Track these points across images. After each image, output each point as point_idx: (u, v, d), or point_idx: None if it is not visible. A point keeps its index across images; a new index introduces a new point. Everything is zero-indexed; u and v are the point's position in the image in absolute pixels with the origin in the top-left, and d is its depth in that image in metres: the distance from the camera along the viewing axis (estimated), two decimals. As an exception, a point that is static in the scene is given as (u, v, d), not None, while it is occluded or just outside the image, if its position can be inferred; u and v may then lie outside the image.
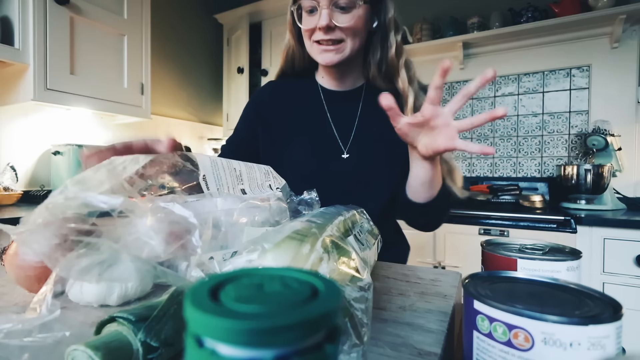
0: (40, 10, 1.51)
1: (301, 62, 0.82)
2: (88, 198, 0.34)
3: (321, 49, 0.72)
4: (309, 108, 0.82)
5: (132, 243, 0.35)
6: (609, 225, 1.44)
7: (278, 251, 0.30)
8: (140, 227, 0.36)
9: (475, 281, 0.28)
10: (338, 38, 0.71)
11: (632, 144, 1.89)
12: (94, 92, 1.74)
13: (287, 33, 0.80)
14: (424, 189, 0.63)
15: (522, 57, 2.12)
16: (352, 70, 0.80)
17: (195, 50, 2.75)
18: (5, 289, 0.44)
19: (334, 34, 0.70)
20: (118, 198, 0.35)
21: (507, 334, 0.22)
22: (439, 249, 1.69)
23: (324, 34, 0.70)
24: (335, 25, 0.69)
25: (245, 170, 0.50)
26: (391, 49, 0.74)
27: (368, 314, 0.27)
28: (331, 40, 0.70)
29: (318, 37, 0.71)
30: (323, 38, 0.70)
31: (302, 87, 0.84)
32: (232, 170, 0.49)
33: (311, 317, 0.11)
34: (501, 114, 0.47)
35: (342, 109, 0.81)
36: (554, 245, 0.40)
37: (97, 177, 0.37)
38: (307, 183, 0.74)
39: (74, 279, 0.39)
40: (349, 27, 0.69)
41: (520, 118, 2.15)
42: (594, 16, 1.79)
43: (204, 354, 0.11)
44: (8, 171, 1.59)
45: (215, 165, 0.47)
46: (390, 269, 0.56)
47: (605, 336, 0.21)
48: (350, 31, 0.70)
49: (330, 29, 0.69)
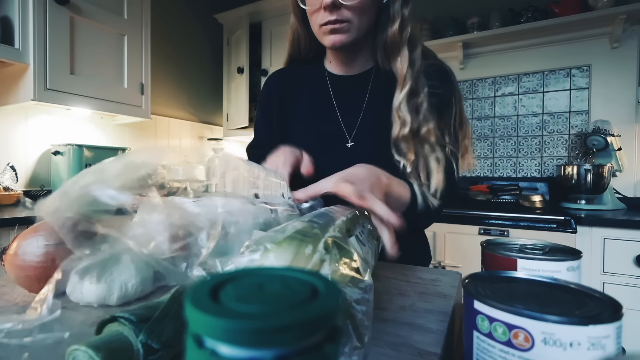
0: (40, 10, 1.51)
1: (307, 45, 0.78)
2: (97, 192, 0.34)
3: (327, 29, 0.67)
4: (315, 95, 0.79)
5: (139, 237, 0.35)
6: (609, 225, 1.44)
7: (280, 251, 0.30)
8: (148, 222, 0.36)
9: (475, 281, 0.28)
10: (344, 18, 0.65)
11: (632, 144, 1.89)
12: (94, 92, 1.74)
13: (292, 15, 0.75)
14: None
15: (522, 57, 2.12)
16: (360, 53, 0.75)
17: (195, 50, 2.75)
18: (5, 289, 0.44)
19: (339, 13, 0.65)
20: (127, 195, 0.35)
21: (507, 334, 0.22)
22: (439, 249, 1.69)
23: (329, 14, 0.65)
24: (341, 3, 0.64)
25: (263, 176, 0.50)
26: (394, 24, 0.68)
27: (369, 316, 0.27)
28: (337, 20, 0.65)
29: (323, 19, 0.66)
30: (329, 19, 0.65)
31: (308, 73, 0.81)
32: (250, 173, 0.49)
33: (311, 317, 0.11)
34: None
35: (348, 95, 0.77)
36: (554, 245, 0.40)
37: (114, 169, 0.37)
38: (317, 175, 0.74)
39: (74, 279, 0.39)
40: (355, 5, 0.64)
41: (520, 118, 2.15)
42: (594, 16, 1.79)
43: (204, 354, 0.11)
44: (8, 171, 1.59)
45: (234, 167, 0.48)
46: (391, 269, 0.56)
47: (605, 336, 0.21)
48: (357, 10, 0.65)
49: (336, 7, 0.64)
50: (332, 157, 0.72)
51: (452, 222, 1.66)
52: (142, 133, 2.35)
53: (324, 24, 0.66)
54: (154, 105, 2.34)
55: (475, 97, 2.27)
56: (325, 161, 0.71)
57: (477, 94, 2.26)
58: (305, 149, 0.72)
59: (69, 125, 1.95)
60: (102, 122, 2.11)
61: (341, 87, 0.78)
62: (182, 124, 2.65)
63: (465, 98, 2.29)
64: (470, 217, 1.64)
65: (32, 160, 1.81)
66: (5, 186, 1.53)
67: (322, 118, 0.77)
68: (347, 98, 0.77)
